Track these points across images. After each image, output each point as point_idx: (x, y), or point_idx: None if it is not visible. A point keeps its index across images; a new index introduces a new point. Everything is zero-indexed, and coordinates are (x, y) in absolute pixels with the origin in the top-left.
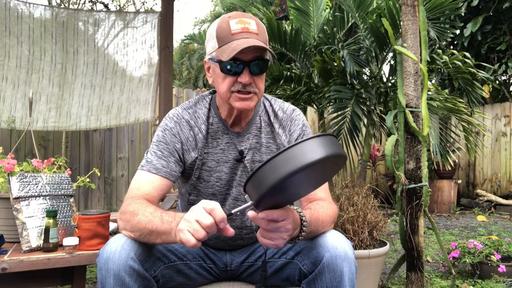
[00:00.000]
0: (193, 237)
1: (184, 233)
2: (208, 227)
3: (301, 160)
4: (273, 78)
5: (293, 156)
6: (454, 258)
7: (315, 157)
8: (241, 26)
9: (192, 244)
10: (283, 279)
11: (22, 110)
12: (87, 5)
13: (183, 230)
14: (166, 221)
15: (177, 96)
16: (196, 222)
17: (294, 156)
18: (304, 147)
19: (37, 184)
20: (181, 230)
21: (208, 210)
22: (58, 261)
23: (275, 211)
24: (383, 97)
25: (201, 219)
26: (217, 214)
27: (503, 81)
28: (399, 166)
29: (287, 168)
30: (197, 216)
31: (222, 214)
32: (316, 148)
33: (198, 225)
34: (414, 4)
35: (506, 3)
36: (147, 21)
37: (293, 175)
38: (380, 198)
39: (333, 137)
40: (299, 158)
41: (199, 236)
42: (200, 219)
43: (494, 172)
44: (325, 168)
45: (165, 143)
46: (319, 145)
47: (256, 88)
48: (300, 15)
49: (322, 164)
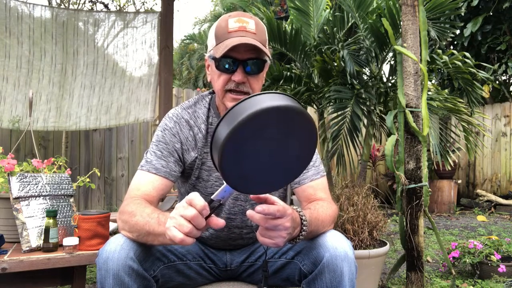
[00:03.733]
0: (179, 232)
1: (170, 230)
2: (192, 218)
3: (242, 114)
4: (273, 78)
5: (237, 112)
6: (454, 258)
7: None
8: (239, 25)
9: (179, 239)
10: (283, 279)
11: (22, 110)
12: (87, 5)
13: (169, 228)
14: (162, 223)
15: (177, 96)
16: (180, 217)
17: (238, 112)
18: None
19: (37, 184)
20: (168, 228)
21: (188, 201)
22: (58, 261)
23: (272, 206)
24: (383, 97)
25: (183, 211)
26: (197, 203)
27: (503, 81)
28: (399, 166)
29: (233, 122)
30: (179, 211)
31: (202, 202)
32: (264, 100)
33: (182, 219)
34: (414, 4)
35: (506, 3)
36: (147, 21)
37: (237, 130)
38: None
39: (289, 96)
40: (241, 113)
41: (185, 230)
42: (182, 212)
43: (494, 172)
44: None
45: (165, 143)
46: (268, 98)
47: (249, 88)
48: (300, 15)
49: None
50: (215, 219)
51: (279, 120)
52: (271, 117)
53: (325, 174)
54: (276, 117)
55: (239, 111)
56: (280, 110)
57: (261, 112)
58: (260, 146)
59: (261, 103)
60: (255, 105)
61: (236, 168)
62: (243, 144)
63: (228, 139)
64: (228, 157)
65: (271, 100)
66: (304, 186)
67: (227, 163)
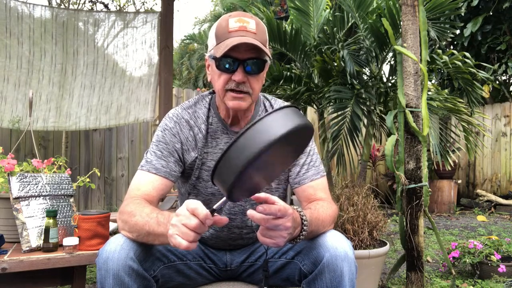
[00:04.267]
0: (184, 240)
1: (174, 238)
2: (195, 228)
3: (258, 143)
4: (273, 78)
5: (249, 143)
6: (454, 258)
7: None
8: (239, 25)
9: (184, 246)
10: (283, 279)
11: (22, 110)
12: (87, 5)
13: (173, 235)
14: (162, 223)
15: (177, 96)
16: (183, 226)
17: (250, 142)
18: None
19: (37, 184)
20: (171, 236)
21: (190, 210)
22: (58, 261)
23: (272, 206)
24: (383, 97)
25: (186, 221)
26: (199, 213)
27: (503, 81)
28: (399, 166)
29: (244, 156)
30: (182, 219)
31: (204, 212)
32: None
33: (185, 228)
34: (414, 4)
35: (506, 3)
36: (147, 21)
37: (252, 162)
38: (380, 198)
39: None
40: (256, 142)
41: (189, 238)
42: (185, 221)
43: (494, 172)
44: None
45: (165, 143)
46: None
47: (249, 88)
48: (300, 15)
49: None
50: (218, 217)
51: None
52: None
53: (325, 174)
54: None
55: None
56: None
57: (275, 141)
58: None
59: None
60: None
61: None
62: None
63: (242, 171)
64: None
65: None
66: (304, 186)
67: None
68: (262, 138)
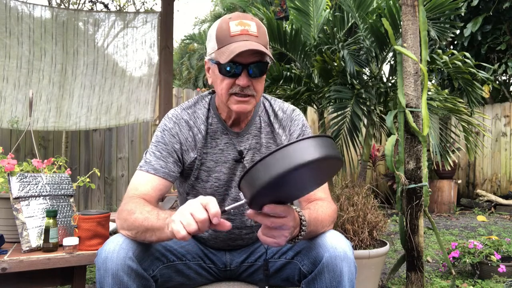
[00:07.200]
0: (184, 229)
1: (175, 224)
2: (201, 222)
3: (294, 159)
4: (273, 78)
5: (286, 155)
6: (454, 258)
7: (308, 157)
8: (241, 28)
9: (181, 235)
10: (283, 279)
11: (22, 110)
12: (87, 5)
13: (175, 221)
14: (162, 217)
15: (177, 96)
16: (190, 215)
17: (287, 156)
18: (299, 147)
19: (37, 184)
20: (173, 221)
21: (204, 204)
22: (58, 261)
23: (278, 206)
24: (383, 97)
25: (195, 212)
26: (211, 208)
27: (503, 81)
28: (399, 166)
29: (280, 167)
30: (192, 209)
31: (216, 209)
32: (311, 148)
33: (191, 218)
34: (414, 4)
35: (506, 3)
36: (147, 21)
37: (286, 174)
38: (380, 198)
39: (330, 139)
40: (292, 157)
41: (190, 229)
42: (194, 212)
43: (494, 172)
44: (320, 169)
45: (164, 143)
46: (314, 146)
47: (254, 91)
48: (300, 15)
49: (315, 165)
50: (223, 221)
51: (322, 166)
52: (310, 168)
53: None
54: (319, 166)
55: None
56: (324, 160)
57: (307, 163)
58: (292, 185)
59: (308, 153)
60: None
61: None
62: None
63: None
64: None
65: (320, 149)
66: None
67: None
68: (297, 157)
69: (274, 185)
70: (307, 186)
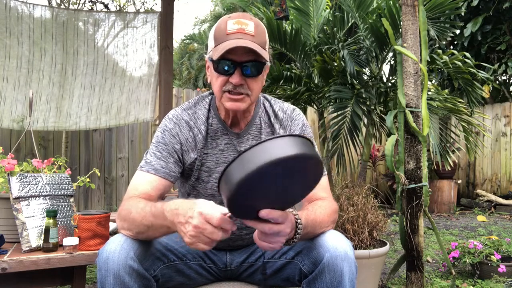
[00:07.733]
0: (206, 246)
1: (197, 245)
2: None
3: (263, 158)
4: (273, 78)
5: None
6: (454, 258)
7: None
8: (237, 27)
9: (208, 249)
10: (283, 279)
11: (22, 110)
12: (87, 5)
13: (194, 244)
14: (156, 215)
15: (177, 96)
16: (205, 237)
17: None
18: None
19: (37, 184)
20: (192, 244)
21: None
22: (58, 261)
23: (275, 211)
24: (383, 97)
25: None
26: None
27: (503, 81)
28: (399, 166)
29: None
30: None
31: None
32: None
33: (206, 238)
34: (414, 4)
35: (506, 3)
36: (147, 21)
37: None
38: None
39: (306, 139)
40: (262, 156)
41: (211, 245)
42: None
43: (494, 172)
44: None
45: (164, 144)
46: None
47: (248, 90)
48: (300, 15)
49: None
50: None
51: (291, 166)
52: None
53: (326, 174)
54: (288, 165)
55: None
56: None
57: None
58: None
59: (276, 151)
60: (269, 154)
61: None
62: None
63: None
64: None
65: (285, 149)
66: None
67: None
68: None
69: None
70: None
